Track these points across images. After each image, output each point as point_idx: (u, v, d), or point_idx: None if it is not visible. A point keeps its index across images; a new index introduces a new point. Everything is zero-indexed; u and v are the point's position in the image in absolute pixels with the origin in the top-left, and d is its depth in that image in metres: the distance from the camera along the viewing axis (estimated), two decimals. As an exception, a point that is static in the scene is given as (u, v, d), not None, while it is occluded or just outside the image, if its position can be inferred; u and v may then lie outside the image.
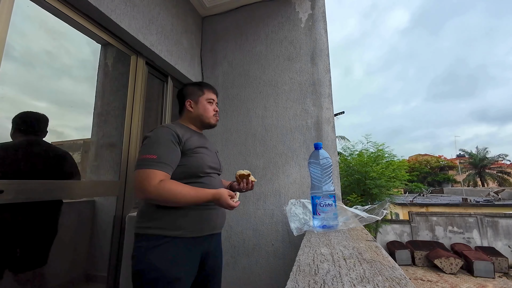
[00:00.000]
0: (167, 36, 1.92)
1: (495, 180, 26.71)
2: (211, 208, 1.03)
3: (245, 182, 1.21)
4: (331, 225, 1.01)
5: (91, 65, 1.71)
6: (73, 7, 1.32)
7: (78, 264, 1.57)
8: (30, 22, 1.29)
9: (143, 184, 0.86)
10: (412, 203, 12.87)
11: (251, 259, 1.91)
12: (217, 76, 2.35)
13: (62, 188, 1.26)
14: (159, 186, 0.85)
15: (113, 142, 1.71)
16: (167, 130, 0.99)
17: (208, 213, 1.02)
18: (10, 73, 1.12)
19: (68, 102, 1.52)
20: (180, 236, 0.93)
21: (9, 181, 1.05)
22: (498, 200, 13.91)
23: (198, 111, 1.16)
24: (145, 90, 1.82)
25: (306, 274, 0.54)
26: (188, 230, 0.95)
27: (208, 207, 1.02)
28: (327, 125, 1.93)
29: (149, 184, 0.85)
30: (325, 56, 2.05)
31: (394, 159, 8.76)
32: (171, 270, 0.87)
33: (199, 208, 0.98)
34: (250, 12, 2.35)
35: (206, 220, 1.01)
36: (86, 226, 1.63)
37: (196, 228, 0.97)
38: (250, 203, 1.99)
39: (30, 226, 1.24)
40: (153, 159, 0.89)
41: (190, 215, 0.96)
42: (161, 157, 0.91)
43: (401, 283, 0.48)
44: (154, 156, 0.90)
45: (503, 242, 9.19)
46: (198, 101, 1.17)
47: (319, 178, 1.06)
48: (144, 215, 0.97)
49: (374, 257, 0.64)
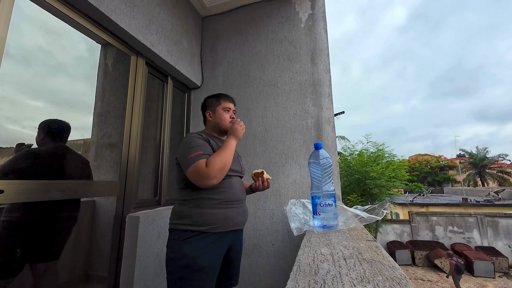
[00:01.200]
0: (167, 36, 1.92)
1: (495, 180, 26.70)
2: (233, 207, 1.17)
3: (260, 180, 1.31)
4: (331, 225, 1.01)
5: (91, 65, 1.71)
6: (73, 7, 1.32)
7: (78, 264, 1.57)
8: (30, 22, 1.29)
9: (201, 172, 1.04)
10: (412, 203, 12.87)
11: (251, 259, 1.91)
12: (217, 76, 2.35)
13: (62, 188, 1.26)
14: (209, 166, 1.04)
15: (113, 142, 1.71)
16: (195, 134, 1.19)
17: (230, 211, 1.15)
18: (10, 73, 1.12)
19: (68, 102, 1.52)
20: (207, 231, 1.07)
21: (9, 181, 1.05)
22: (498, 200, 13.92)
23: (216, 119, 1.30)
24: (145, 90, 1.82)
25: (306, 274, 0.54)
26: (214, 226, 1.09)
27: (231, 206, 1.15)
28: (327, 125, 1.93)
29: (204, 169, 1.04)
30: (325, 56, 2.05)
31: (394, 159, 8.76)
32: (199, 259, 1.02)
33: (223, 207, 1.13)
34: (250, 12, 2.35)
35: (229, 218, 1.14)
36: (86, 226, 1.63)
37: (220, 224, 1.10)
38: (250, 203, 1.99)
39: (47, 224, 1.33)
40: (198, 154, 1.08)
41: (216, 213, 1.11)
42: (201, 151, 1.09)
43: (401, 283, 0.48)
44: (199, 152, 1.08)
45: (503, 242, 9.19)
46: (215, 110, 1.31)
47: (319, 178, 1.06)
48: (177, 214, 1.13)
49: (374, 257, 0.64)
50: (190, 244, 1.05)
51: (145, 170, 1.89)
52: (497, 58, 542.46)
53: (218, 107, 1.31)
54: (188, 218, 1.09)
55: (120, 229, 1.54)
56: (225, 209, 1.14)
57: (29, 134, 1.29)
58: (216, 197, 1.12)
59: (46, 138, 1.33)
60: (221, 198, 1.13)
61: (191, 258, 1.02)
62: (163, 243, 1.53)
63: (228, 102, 1.33)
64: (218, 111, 1.30)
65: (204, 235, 1.07)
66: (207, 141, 1.17)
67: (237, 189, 1.21)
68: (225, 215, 1.13)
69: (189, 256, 1.02)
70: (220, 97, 1.33)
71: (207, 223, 1.08)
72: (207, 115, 1.33)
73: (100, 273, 1.53)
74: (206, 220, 1.08)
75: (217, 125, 1.30)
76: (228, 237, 1.15)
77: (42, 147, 1.32)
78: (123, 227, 1.53)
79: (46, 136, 1.33)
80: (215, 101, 1.32)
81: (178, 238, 1.07)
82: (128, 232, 1.51)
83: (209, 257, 1.06)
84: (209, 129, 1.34)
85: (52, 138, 1.36)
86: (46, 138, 1.33)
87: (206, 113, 1.33)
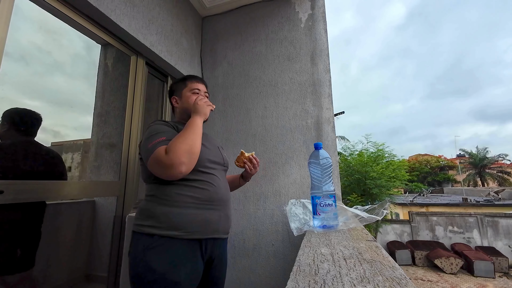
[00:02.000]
0: (167, 36, 1.92)
1: (495, 180, 26.70)
2: (211, 209, 0.96)
3: (249, 162, 1.20)
4: (331, 225, 1.01)
5: (91, 65, 1.71)
6: (73, 7, 1.32)
7: (78, 264, 1.57)
8: (30, 22, 1.29)
9: (160, 161, 0.83)
10: (412, 203, 12.87)
11: (251, 259, 1.91)
12: (217, 76, 2.35)
13: (62, 188, 1.26)
14: (169, 151, 0.84)
15: (113, 142, 1.71)
16: (159, 121, 1.01)
17: (208, 214, 0.95)
18: (10, 73, 1.12)
19: (68, 102, 1.52)
20: (178, 236, 0.87)
21: (9, 181, 1.05)
22: (498, 200, 13.91)
23: (183, 104, 1.12)
24: (145, 90, 1.82)
25: (306, 274, 0.54)
26: (187, 231, 0.88)
27: (207, 207, 0.95)
28: (327, 125, 1.93)
29: (164, 157, 0.83)
30: (325, 56, 2.05)
31: (394, 159, 8.76)
32: (169, 273, 0.82)
33: (198, 207, 0.93)
34: (250, 12, 2.35)
35: (207, 222, 0.94)
36: (86, 226, 1.63)
37: (196, 229, 0.90)
38: (250, 203, 1.99)
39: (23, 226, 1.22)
40: (158, 141, 0.88)
41: (189, 214, 0.90)
42: (162, 137, 0.90)
43: (402, 283, 0.48)
44: (155, 141, 0.89)
45: (503, 242, 9.19)
46: (182, 94, 1.13)
47: (319, 178, 1.06)
48: (142, 213, 0.93)
49: (374, 257, 0.64)
50: (158, 254, 0.83)
51: (145, 170, 1.89)
52: (496, 57, 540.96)
53: (185, 89, 1.13)
54: (154, 218, 0.88)
55: (120, 229, 1.53)
56: (202, 210, 0.93)
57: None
58: (192, 194, 0.92)
59: (10, 130, 1.18)
60: (198, 196, 0.93)
61: (160, 272, 0.82)
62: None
63: (196, 82, 1.15)
64: (185, 94, 1.12)
65: (175, 242, 0.86)
66: (175, 128, 1.00)
67: (220, 187, 1.01)
68: (203, 218, 0.93)
69: (157, 270, 0.82)
70: (187, 79, 1.16)
71: (178, 226, 0.87)
72: (173, 101, 1.15)
73: (100, 273, 1.53)
74: (176, 223, 0.87)
75: (185, 110, 1.10)
76: (208, 247, 0.94)
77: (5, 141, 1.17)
78: (123, 227, 1.53)
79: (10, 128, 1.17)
80: (181, 84, 1.15)
81: (142, 246, 0.85)
82: (128, 232, 1.51)
83: (183, 269, 0.85)
84: (178, 117, 1.15)
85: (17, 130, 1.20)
86: (10, 130, 1.18)
87: (172, 99, 1.15)
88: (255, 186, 2.01)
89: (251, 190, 2.01)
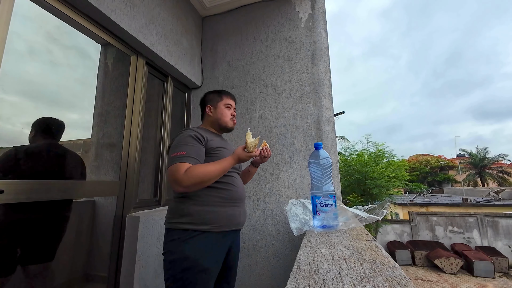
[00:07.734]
0: (167, 36, 1.92)
1: (495, 180, 26.69)
2: (233, 206, 1.13)
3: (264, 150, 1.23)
4: (331, 225, 1.01)
5: (91, 65, 1.70)
6: (73, 7, 1.32)
7: (78, 264, 1.57)
8: (30, 22, 1.29)
9: (175, 176, 0.96)
10: (412, 203, 12.87)
11: (251, 259, 1.91)
12: (217, 76, 2.35)
13: (62, 188, 1.26)
14: (188, 173, 0.96)
15: (113, 142, 1.71)
16: (190, 131, 1.12)
17: (231, 210, 1.11)
18: (10, 73, 1.12)
19: (68, 102, 1.52)
20: (209, 230, 1.03)
21: (9, 181, 1.05)
22: (498, 200, 13.91)
23: (217, 115, 1.27)
24: (145, 90, 1.82)
25: (306, 274, 0.54)
26: (216, 225, 1.05)
27: (231, 205, 1.11)
28: (327, 125, 1.93)
29: (180, 174, 0.95)
30: (325, 56, 2.05)
31: (394, 159, 8.76)
32: (201, 261, 0.98)
33: (224, 205, 1.09)
34: (250, 12, 2.35)
35: (232, 217, 1.11)
36: (86, 226, 1.63)
37: (223, 223, 1.07)
38: (250, 203, 1.99)
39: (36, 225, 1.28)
40: (181, 155, 1.01)
41: (218, 211, 1.07)
42: (187, 153, 1.02)
43: (401, 283, 0.48)
44: (182, 152, 1.02)
45: (503, 242, 9.18)
46: (217, 106, 1.28)
47: (319, 178, 1.06)
48: (175, 212, 1.07)
49: (374, 257, 0.64)
50: (192, 244, 0.99)
51: (145, 170, 1.89)
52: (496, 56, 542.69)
53: (220, 102, 1.28)
54: (188, 216, 1.03)
55: (120, 229, 1.53)
56: (228, 207, 1.10)
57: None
58: (219, 195, 1.09)
59: (37, 135, 1.30)
60: (224, 196, 1.10)
61: (193, 259, 0.97)
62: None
63: (229, 99, 1.31)
64: (220, 106, 1.27)
65: (206, 235, 1.02)
66: (203, 139, 1.12)
67: (239, 186, 1.18)
68: (228, 214, 1.10)
69: (191, 258, 0.97)
70: (222, 93, 1.31)
71: (209, 222, 1.04)
72: (207, 109, 1.29)
73: (100, 273, 1.53)
74: (208, 219, 1.04)
75: (217, 121, 1.27)
76: (229, 237, 1.12)
77: (32, 145, 1.29)
78: (123, 227, 1.53)
79: (37, 134, 1.30)
80: (217, 96, 1.30)
81: (178, 239, 1.00)
82: (128, 232, 1.51)
83: (212, 258, 1.02)
84: (208, 125, 1.30)
85: (43, 135, 1.33)
86: (37, 135, 1.30)
87: (207, 107, 1.29)
88: (255, 186, 2.01)
89: (251, 190, 2.01)
